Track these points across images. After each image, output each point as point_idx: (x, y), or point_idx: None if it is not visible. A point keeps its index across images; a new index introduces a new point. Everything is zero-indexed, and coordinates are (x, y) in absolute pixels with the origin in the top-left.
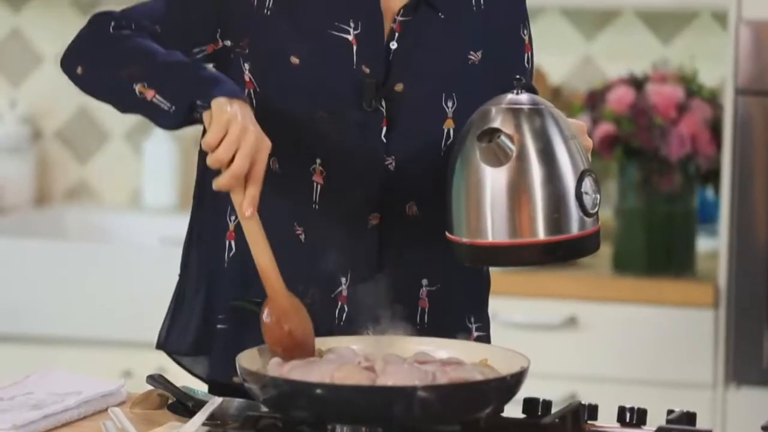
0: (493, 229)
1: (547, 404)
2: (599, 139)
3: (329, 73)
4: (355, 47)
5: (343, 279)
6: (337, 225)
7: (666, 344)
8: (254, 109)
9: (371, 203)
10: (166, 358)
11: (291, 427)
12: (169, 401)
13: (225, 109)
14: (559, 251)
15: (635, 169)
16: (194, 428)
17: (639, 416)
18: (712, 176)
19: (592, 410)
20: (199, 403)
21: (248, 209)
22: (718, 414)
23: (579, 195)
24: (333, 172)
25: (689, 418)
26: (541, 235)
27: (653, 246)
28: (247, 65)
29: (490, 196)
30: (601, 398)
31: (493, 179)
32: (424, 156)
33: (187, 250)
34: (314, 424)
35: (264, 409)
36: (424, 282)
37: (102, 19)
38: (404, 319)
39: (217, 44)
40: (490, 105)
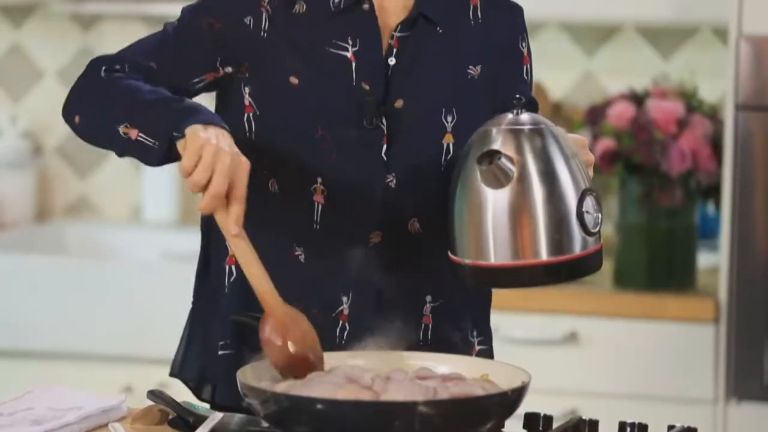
0: (496, 251)
1: (548, 419)
2: (600, 155)
3: (329, 92)
4: (354, 64)
5: (345, 298)
6: (339, 244)
7: (667, 359)
8: (254, 132)
9: (372, 221)
10: (166, 374)
11: None
12: (170, 416)
13: (198, 135)
14: (561, 272)
15: (636, 185)
16: None
17: None
18: (713, 191)
19: (593, 425)
20: (200, 419)
21: (233, 228)
22: (719, 429)
23: (580, 214)
24: (334, 192)
25: None
26: (543, 256)
27: (654, 261)
28: (247, 89)
29: (492, 218)
30: (601, 413)
31: (495, 201)
32: (424, 172)
33: (199, 279)
34: None
35: (265, 425)
36: (428, 298)
37: (95, 65)
38: (408, 337)
39: (217, 72)
40: (491, 125)
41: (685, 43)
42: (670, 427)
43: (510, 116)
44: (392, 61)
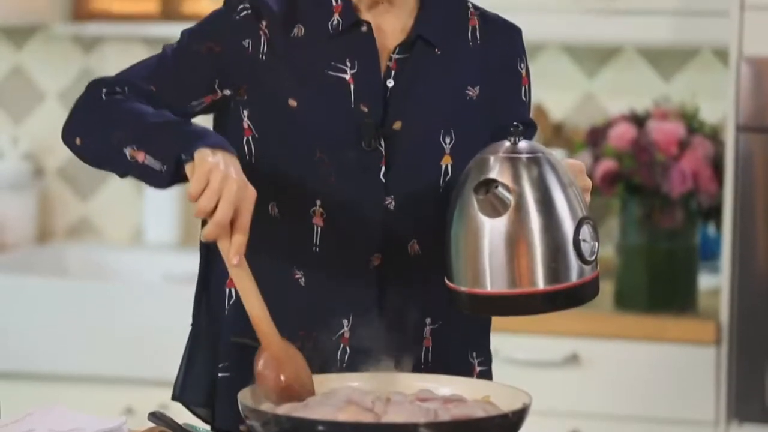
0: (492, 279)
1: None
2: (601, 176)
3: (327, 114)
4: (352, 86)
5: (345, 321)
6: (338, 267)
7: (668, 381)
8: (252, 155)
9: (372, 244)
10: (167, 396)
11: None
12: None
13: (207, 160)
14: (558, 300)
15: (637, 206)
16: None
17: None
18: (714, 213)
19: None
20: None
21: (234, 258)
22: None
23: (577, 243)
24: (333, 214)
25: None
26: (540, 284)
27: (655, 283)
28: (245, 112)
29: (489, 246)
30: None
31: (492, 229)
32: (423, 193)
33: (198, 301)
34: None
35: None
36: (428, 320)
37: (95, 87)
38: (408, 359)
39: (216, 95)
40: (488, 154)
41: (686, 64)
42: None
43: (507, 144)
44: (391, 83)
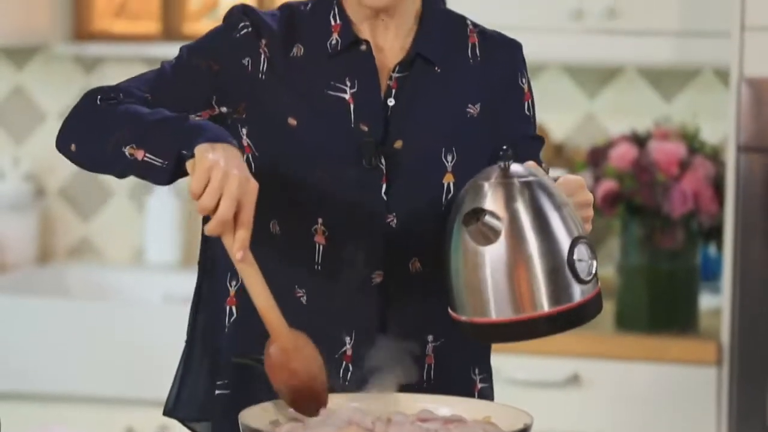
0: (493, 307)
1: None
2: (602, 197)
3: (328, 133)
4: (352, 106)
5: (347, 339)
6: (340, 285)
7: (669, 401)
8: (252, 173)
9: (374, 261)
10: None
11: None
12: None
13: (207, 156)
14: (560, 322)
15: (637, 226)
16: None
17: None
18: (715, 233)
19: None
20: None
21: (238, 252)
22: None
23: (571, 263)
24: (335, 233)
25: None
26: (541, 308)
27: (656, 303)
28: (244, 130)
29: (486, 275)
30: None
31: (487, 258)
32: (425, 211)
33: (194, 316)
34: None
35: None
36: (429, 338)
37: (90, 94)
38: (411, 376)
39: (212, 111)
40: (480, 179)
41: (687, 85)
42: None
43: (499, 169)
44: (391, 102)
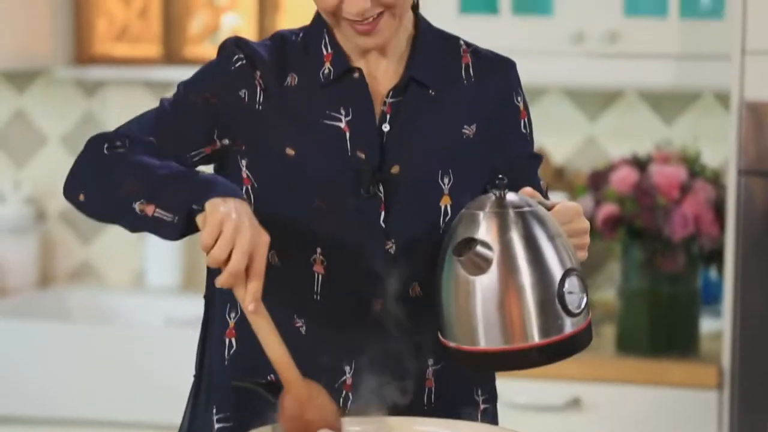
0: (484, 336)
1: None
2: (602, 220)
3: (325, 162)
4: (348, 134)
5: (347, 368)
6: (340, 314)
7: (670, 425)
8: (252, 204)
9: (373, 289)
10: None
11: None
12: None
13: (218, 209)
14: (550, 354)
15: (638, 250)
16: None
17: None
18: (716, 256)
19: None
20: None
21: (250, 304)
22: None
23: (561, 295)
24: (334, 262)
25: None
26: (530, 339)
27: (657, 326)
28: (244, 162)
29: (478, 303)
30: None
31: (479, 287)
32: (423, 235)
33: (201, 350)
34: None
35: None
36: (430, 362)
37: (96, 142)
38: (411, 401)
39: (215, 145)
40: (473, 208)
41: (688, 108)
42: None
43: (493, 198)
44: (386, 128)
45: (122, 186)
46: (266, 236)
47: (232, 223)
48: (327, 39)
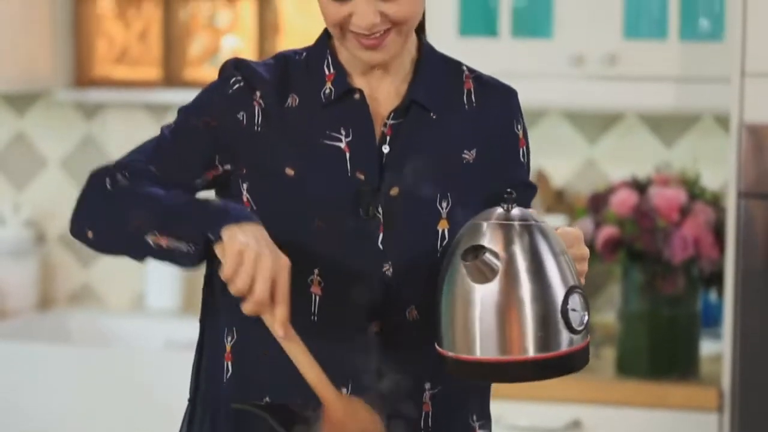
0: (481, 346)
1: None
2: (602, 242)
3: (325, 183)
4: (348, 154)
5: (344, 389)
6: (337, 335)
7: None
8: None
9: (371, 311)
10: None
11: None
12: None
13: (237, 238)
14: (546, 369)
15: (638, 272)
16: None
17: None
18: (716, 279)
19: None
20: None
21: (280, 330)
22: None
23: (565, 312)
24: (331, 283)
25: None
26: (528, 352)
27: (657, 349)
28: (245, 185)
29: (477, 313)
30: None
31: (481, 296)
32: (420, 259)
33: (197, 373)
34: None
35: None
36: (427, 385)
37: (98, 177)
38: (408, 425)
39: (217, 170)
40: (480, 219)
41: (687, 131)
42: None
43: (500, 210)
44: (386, 149)
45: (131, 219)
46: (286, 260)
47: (252, 252)
48: (330, 59)
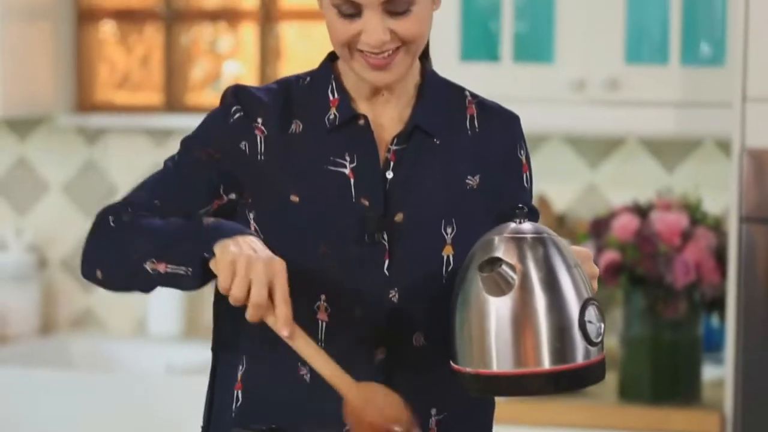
0: (498, 359)
1: None
2: (604, 267)
3: (330, 209)
4: (352, 180)
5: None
6: (343, 362)
7: None
8: None
9: (377, 337)
10: None
11: None
12: None
13: (228, 250)
14: (563, 381)
15: (640, 297)
16: None
17: None
18: (717, 304)
19: None
20: None
21: (284, 330)
22: None
23: (582, 324)
24: (337, 309)
25: None
26: (545, 364)
27: (659, 374)
28: (251, 215)
29: (494, 326)
30: None
31: (496, 309)
32: (426, 284)
33: (209, 403)
34: None
35: None
36: (433, 411)
37: (102, 217)
38: None
39: (221, 199)
40: (493, 234)
41: (689, 155)
42: None
43: (512, 225)
44: (390, 175)
45: (131, 252)
46: (280, 261)
47: (243, 258)
48: (334, 84)
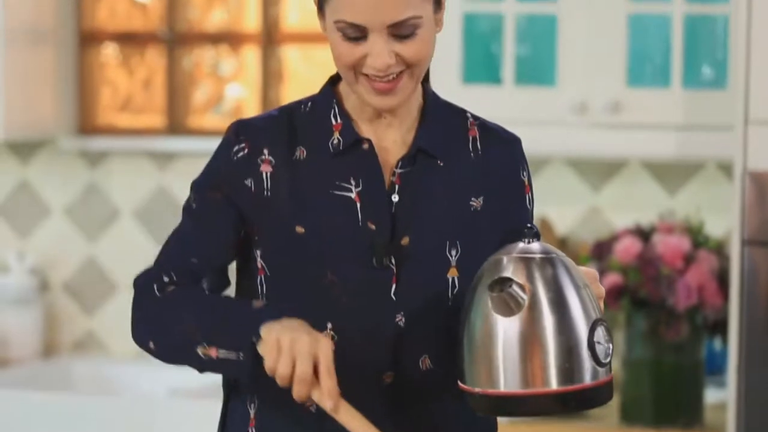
0: (505, 379)
1: None
2: (606, 290)
3: (336, 235)
4: (358, 204)
5: None
6: (350, 388)
7: None
8: (264, 294)
9: (384, 362)
10: None
11: None
12: None
13: (273, 331)
14: (571, 401)
15: (642, 320)
16: None
17: None
18: (720, 327)
19: None
20: None
21: (328, 403)
22: None
23: (591, 344)
24: (344, 336)
25: None
26: (553, 385)
27: (661, 397)
28: (258, 252)
29: (502, 346)
30: None
31: (505, 329)
32: (432, 308)
33: None
34: None
35: None
36: None
37: (145, 286)
38: None
39: (239, 235)
40: (502, 254)
41: (691, 178)
42: None
43: (521, 245)
44: (395, 198)
45: (182, 333)
46: (326, 340)
47: (287, 338)
48: (336, 108)
